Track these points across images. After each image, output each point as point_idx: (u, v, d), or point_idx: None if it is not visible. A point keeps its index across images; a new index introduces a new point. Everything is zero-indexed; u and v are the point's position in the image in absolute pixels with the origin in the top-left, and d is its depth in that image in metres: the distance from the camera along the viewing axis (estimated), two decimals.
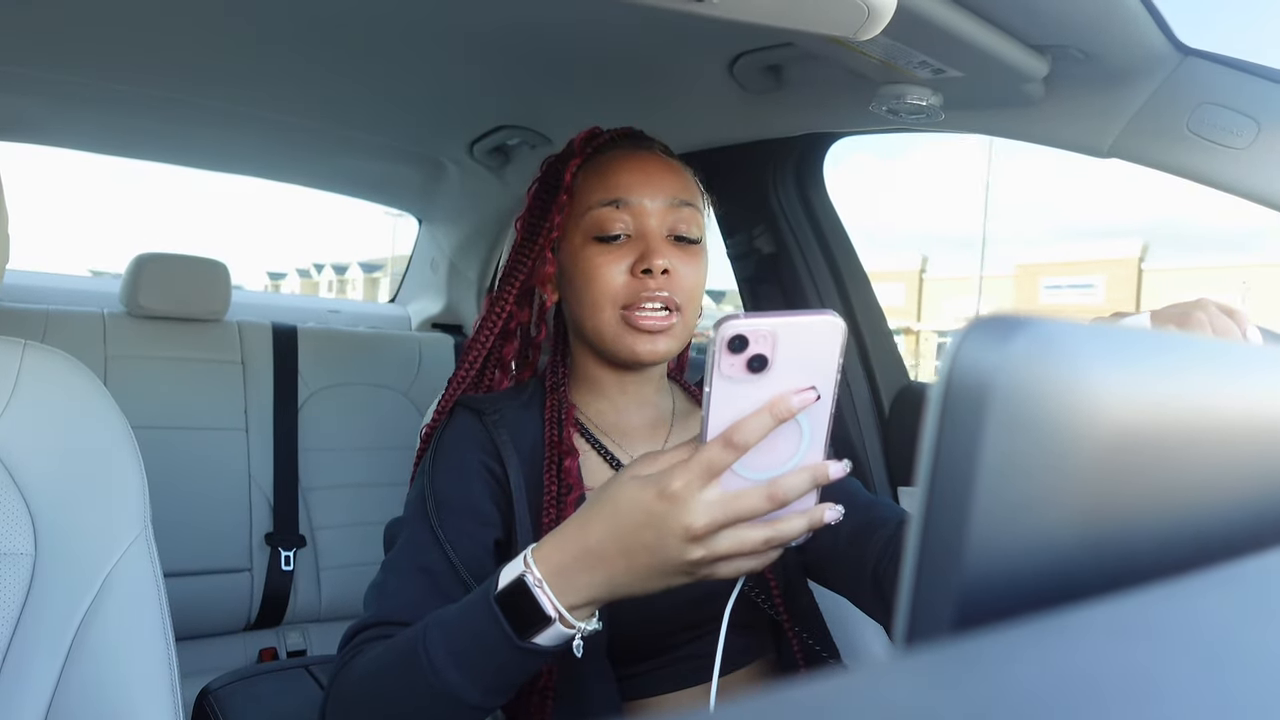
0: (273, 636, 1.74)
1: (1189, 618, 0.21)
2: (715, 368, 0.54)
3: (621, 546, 0.57)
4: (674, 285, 0.82)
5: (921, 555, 0.22)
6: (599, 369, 0.87)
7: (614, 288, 0.81)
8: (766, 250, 1.51)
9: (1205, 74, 0.88)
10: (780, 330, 0.54)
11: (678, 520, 0.55)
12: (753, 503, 0.55)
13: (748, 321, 0.54)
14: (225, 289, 1.80)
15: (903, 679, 0.17)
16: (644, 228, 0.82)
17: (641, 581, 0.58)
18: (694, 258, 0.84)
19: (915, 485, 0.23)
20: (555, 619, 0.58)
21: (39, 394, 0.74)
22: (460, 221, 2.11)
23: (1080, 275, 19.26)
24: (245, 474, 1.73)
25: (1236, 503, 0.28)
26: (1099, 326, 0.25)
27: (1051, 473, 0.22)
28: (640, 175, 0.84)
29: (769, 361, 0.54)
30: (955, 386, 0.22)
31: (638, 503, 0.57)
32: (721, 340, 0.54)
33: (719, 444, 0.55)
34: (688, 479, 0.55)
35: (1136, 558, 0.25)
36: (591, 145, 0.88)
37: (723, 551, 0.56)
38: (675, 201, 0.84)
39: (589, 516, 0.60)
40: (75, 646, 0.70)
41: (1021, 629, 0.19)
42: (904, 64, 0.93)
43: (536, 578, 0.59)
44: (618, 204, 0.83)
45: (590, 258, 0.83)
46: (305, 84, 1.36)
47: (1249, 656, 0.19)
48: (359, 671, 0.67)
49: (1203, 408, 0.26)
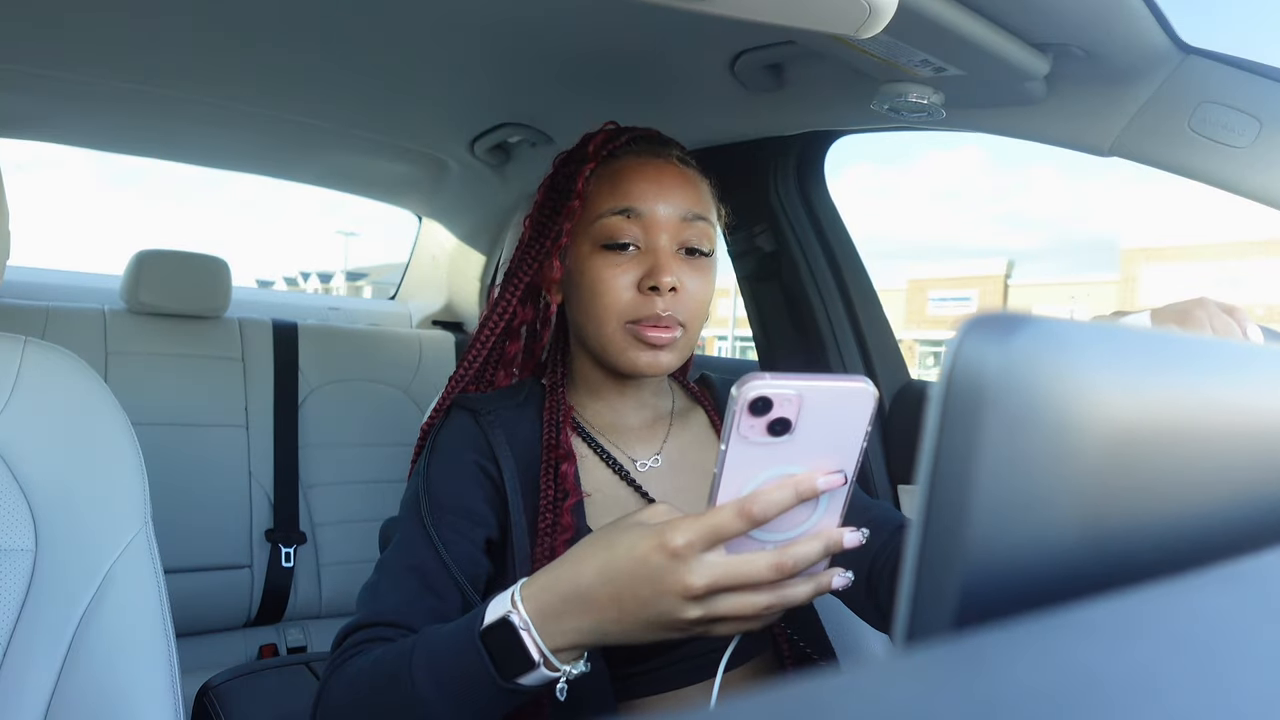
0: (273, 633, 1.74)
1: (1188, 616, 0.21)
2: (734, 428, 0.51)
3: (613, 593, 0.56)
4: (681, 302, 0.80)
5: (922, 553, 0.22)
6: (598, 372, 0.87)
7: (620, 301, 0.80)
8: (767, 248, 1.50)
9: (1207, 73, 0.87)
10: (807, 394, 0.51)
11: (676, 577, 0.53)
12: (758, 570, 0.53)
13: (773, 382, 0.50)
14: (226, 286, 1.80)
15: (903, 677, 0.18)
16: (654, 241, 0.80)
17: (632, 632, 0.57)
18: (703, 272, 0.83)
19: (915, 483, 0.23)
20: (540, 664, 0.57)
21: (40, 390, 0.74)
22: (461, 219, 2.11)
23: (960, 289, 21.03)
24: (246, 470, 1.74)
25: (1236, 501, 0.28)
26: (1098, 325, 0.25)
27: (1051, 471, 0.22)
28: (654, 185, 0.82)
29: (792, 425, 0.51)
30: (956, 385, 0.22)
31: (635, 552, 0.55)
32: (743, 401, 0.50)
33: (732, 511, 0.52)
34: (691, 538, 0.53)
35: (1136, 556, 0.25)
36: (607, 148, 0.85)
37: (721, 614, 0.54)
38: (689, 215, 0.82)
39: (583, 556, 0.58)
40: (76, 642, 0.70)
41: (1021, 627, 0.19)
42: (905, 62, 0.93)
43: (523, 619, 0.58)
44: (629, 213, 0.81)
45: (598, 267, 0.81)
46: (306, 81, 1.36)
47: (1248, 655, 0.19)
48: (347, 684, 0.66)
49: (1202, 406, 0.26)
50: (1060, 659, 0.18)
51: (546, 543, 0.77)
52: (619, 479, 0.84)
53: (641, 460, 0.86)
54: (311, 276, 36.43)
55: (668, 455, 0.87)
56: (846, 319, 1.46)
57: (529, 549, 0.78)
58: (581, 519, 0.79)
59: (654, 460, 0.86)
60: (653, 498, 0.82)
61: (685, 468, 0.87)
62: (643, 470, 0.85)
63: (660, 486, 0.84)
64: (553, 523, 0.77)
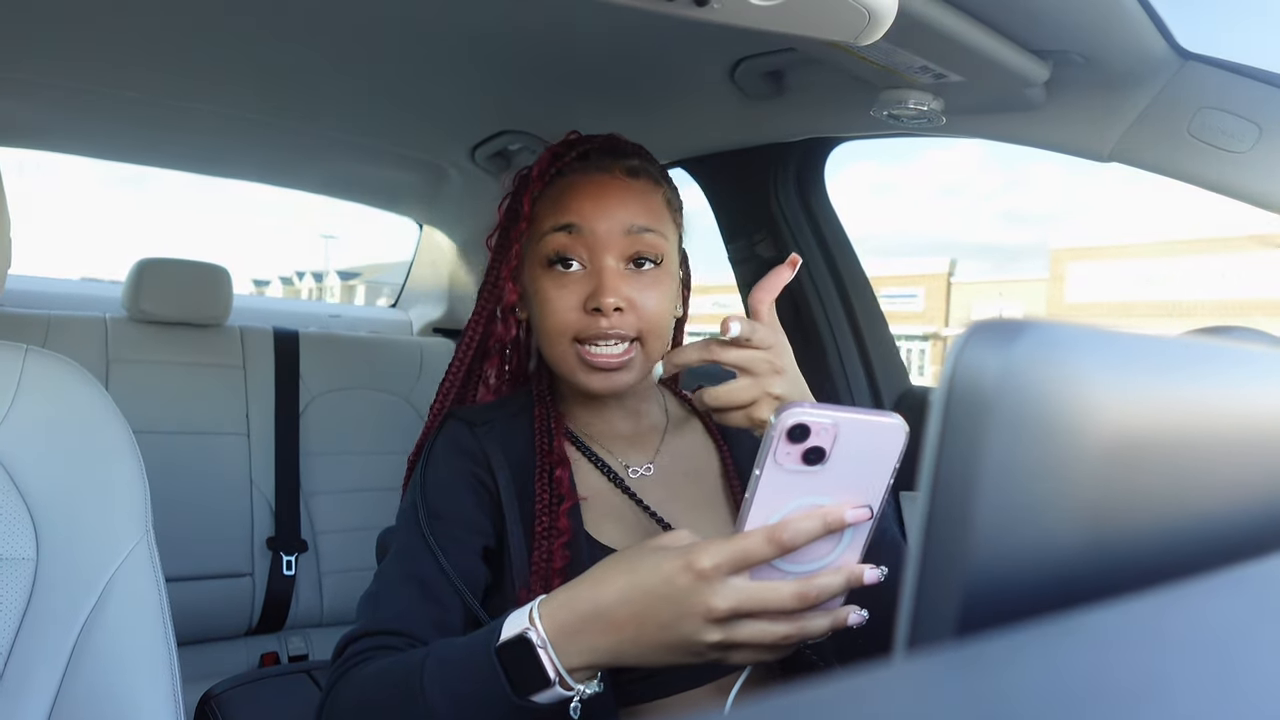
0: (274, 641, 1.74)
1: (1192, 622, 0.21)
2: (770, 453, 0.52)
3: (634, 614, 0.55)
4: (629, 320, 0.79)
5: (924, 559, 0.22)
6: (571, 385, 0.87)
7: (566, 321, 0.79)
8: (767, 255, 1.51)
9: (1206, 78, 0.88)
10: (843, 425, 0.52)
11: (700, 598, 0.53)
12: (781, 598, 0.53)
13: (812, 412, 0.51)
14: (227, 294, 1.80)
15: (907, 684, 0.17)
16: (598, 260, 0.79)
17: (649, 654, 0.56)
18: (654, 284, 0.81)
19: (917, 490, 0.23)
20: (555, 682, 0.57)
21: (41, 399, 0.74)
22: (461, 226, 2.11)
23: (907, 287, 22.27)
24: (247, 479, 1.73)
25: (1240, 506, 0.28)
26: (1099, 330, 0.25)
27: (1053, 476, 0.22)
28: (594, 201, 0.80)
29: (826, 455, 0.52)
30: (957, 390, 0.22)
31: (660, 571, 0.54)
32: (782, 428, 0.51)
33: (762, 537, 0.52)
34: (718, 560, 0.53)
35: (1139, 561, 0.25)
36: (555, 167, 0.84)
37: (740, 640, 0.54)
38: (633, 228, 0.80)
39: (604, 576, 0.58)
40: (77, 651, 0.70)
41: (1024, 633, 0.19)
42: (905, 69, 0.93)
43: (541, 638, 0.57)
44: (570, 229, 0.80)
45: (545, 288, 0.81)
46: (307, 89, 1.37)
47: (1253, 661, 0.19)
48: (352, 693, 0.66)
49: (1205, 410, 0.26)
50: (1063, 665, 0.18)
51: (544, 546, 0.77)
52: (613, 486, 0.84)
53: (634, 467, 0.86)
54: (306, 276, 36.76)
55: (660, 463, 0.87)
56: (847, 325, 1.46)
57: (526, 555, 0.78)
58: (578, 522, 0.79)
59: (646, 468, 0.86)
60: (647, 504, 0.83)
61: (679, 475, 0.87)
62: (635, 477, 0.85)
63: (654, 493, 0.84)
64: (549, 526, 0.77)
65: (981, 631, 0.20)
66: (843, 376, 1.45)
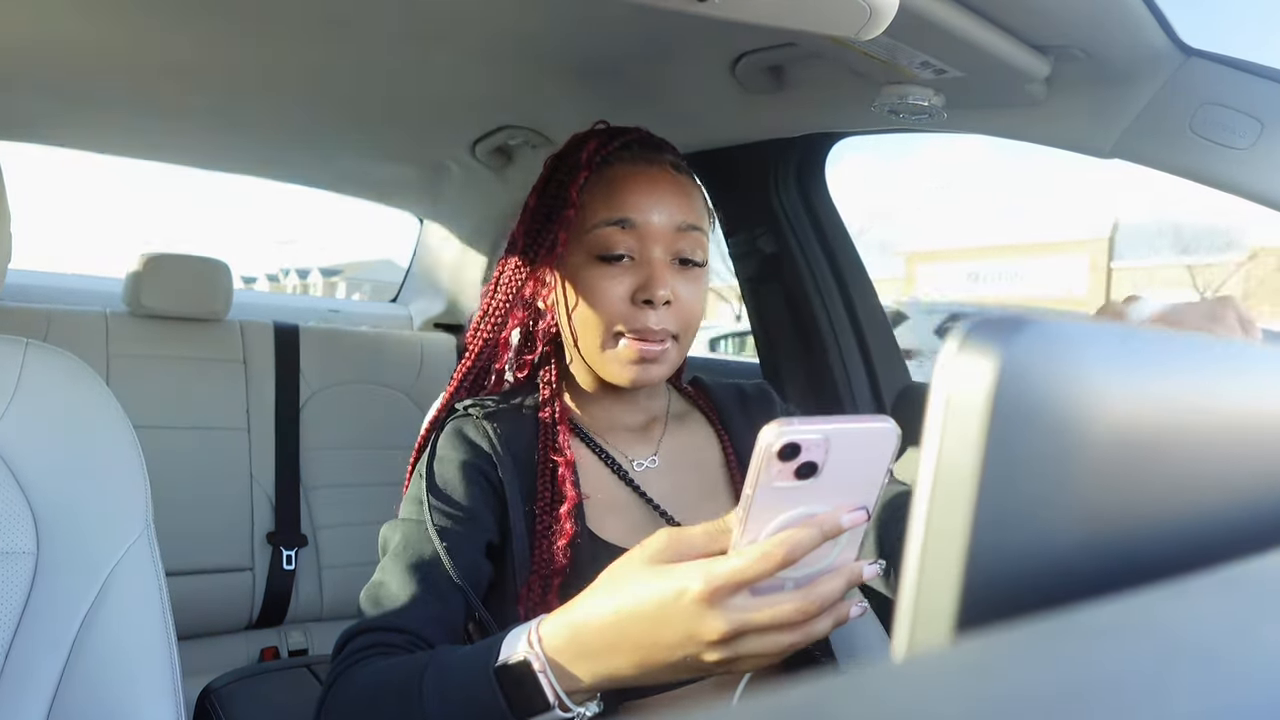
0: (274, 635, 1.74)
1: (1192, 619, 0.21)
2: (760, 472, 0.51)
3: (636, 639, 0.55)
4: (674, 314, 0.80)
5: (923, 556, 0.22)
6: (590, 376, 0.87)
7: (614, 312, 0.79)
8: (768, 250, 1.50)
9: (1208, 74, 0.87)
10: (834, 437, 0.51)
11: (702, 623, 0.52)
12: (784, 614, 0.52)
13: (800, 428, 0.50)
14: (227, 288, 1.80)
15: (906, 680, 0.17)
16: (648, 252, 0.80)
17: (649, 675, 0.56)
18: (696, 282, 0.82)
19: (917, 485, 0.23)
20: (555, 705, 0.57)
21: (41, 393, 0.74)
22: (462, 221, 2.11)
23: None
24: (247, 473, 1.73)
25: (1239, 503, 0.28)
26: (1099, 326, 0.24)
27: (1053, 473, 0.22)
28: (649, 195, 0.81)
29: (819, 468, 0.51)
30: (956, 387, 0.22)
31: (659, 599, 0.54)
32: (771, 450, 0.50)
33: (758, 556, 0.51)
34: (716, 586, 0.52)
35: (1139, 558, 0.25)
36: (600, 154, 0.83)
37: (744, 654, 0.54)
38: (683, 225, 0.81)
39: (605, 599, 0.57)
40: (77, 645, 0.70)
41: (1023, 630, 0.19)
42: (906, 64, 0.93)
43: (543, 662, 0.57)
44: (623, 224, 0.80)
45: (593, 278, 0.80)
46: (307, 84, 1.36)
47: (1251, 658, 0.19)
48: (352, 692, 0.66)
49: (1205, 408, 0.26)
50: (1063, 662, 0.18)
51: (545, 546, 0.77)
52: (617, 479, 0.84)
53: (638, 460, 0.86)
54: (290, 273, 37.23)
55: (664, 455, 0.87)
56: (847, 320, 1.46)
57: (528, 552, 0.78)
58: (581, 521, 0.79)
59: (650, 460, 0.86)
60: (651, 497, 0.83)
61: (682, 467, 0.87)
62: (640, 470, 0.86)
63: (658, 486, 0.84)
64: (550, 526, 0.77)
65: (981, 627, 0.20)
66: (843, 372, 1.45)
